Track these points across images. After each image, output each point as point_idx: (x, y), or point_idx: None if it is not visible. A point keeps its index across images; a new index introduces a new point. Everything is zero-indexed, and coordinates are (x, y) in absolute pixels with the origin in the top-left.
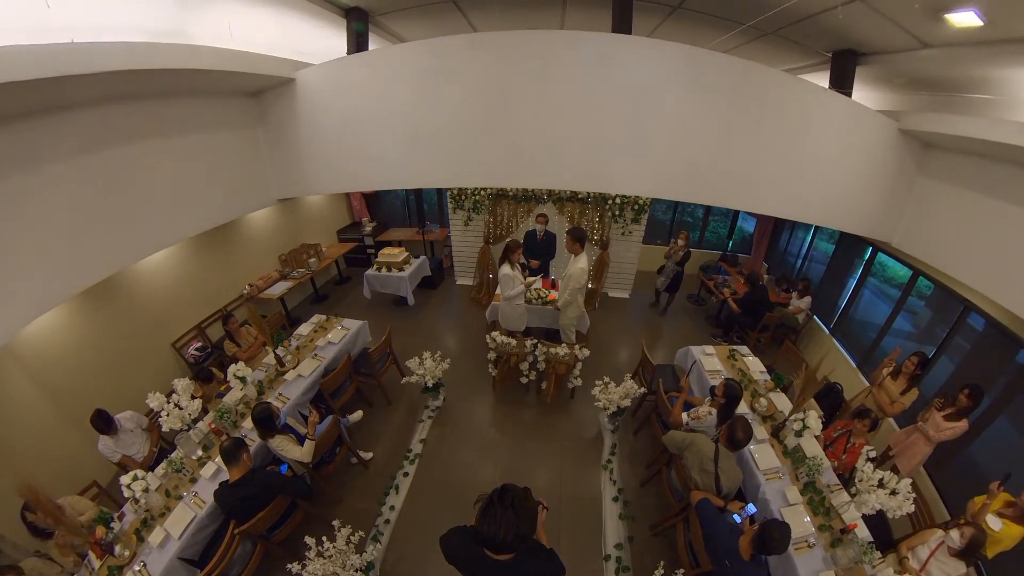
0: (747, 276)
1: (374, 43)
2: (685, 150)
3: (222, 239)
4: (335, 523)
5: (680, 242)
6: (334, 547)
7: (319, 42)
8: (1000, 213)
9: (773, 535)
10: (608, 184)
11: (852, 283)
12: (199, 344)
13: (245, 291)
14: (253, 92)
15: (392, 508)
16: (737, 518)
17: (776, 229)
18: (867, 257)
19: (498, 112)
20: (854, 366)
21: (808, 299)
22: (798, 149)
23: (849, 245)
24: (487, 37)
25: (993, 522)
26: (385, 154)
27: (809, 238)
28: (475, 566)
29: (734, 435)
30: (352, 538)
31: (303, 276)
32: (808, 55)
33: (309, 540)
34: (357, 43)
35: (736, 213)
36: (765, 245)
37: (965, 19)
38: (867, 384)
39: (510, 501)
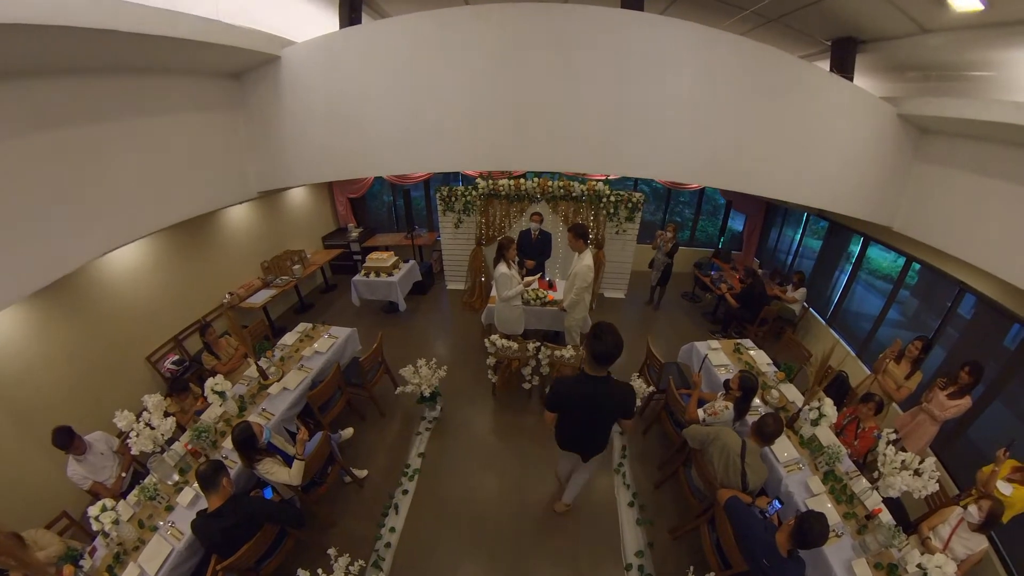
0: (744, 269)
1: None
2: (698, 132)
3: (201, 245)
4: (331, 551)
5: (668, 234)
6: None
7: (306, 25)
8: (998, 192)
9: (813, 527)
10: (620, 166)
11: (841, 275)
12: (176, 357)
13: (225, 300)
14: (234, 72)
15: (392, 530)
16: (766, 514)
17: (765, 227)
18: (859, 248)
19: (505, 91)
20: (853, 354)
21: (803, 290)
22: (807, 133)
23: (836, 239)
24: (493, 10)
25: (1004, 487)
26: (381, 138)
27: (799, 235)
28: (580, 399)
29: (765, 428)
30: (351, 568)
31: (287, 284)
32: (809, 43)
33: (303, 573)
34: (350, 18)
35: (727, 211)
36: (755, 241)
37: (967, 3)
38: (869, 372)
39: (607, 328)
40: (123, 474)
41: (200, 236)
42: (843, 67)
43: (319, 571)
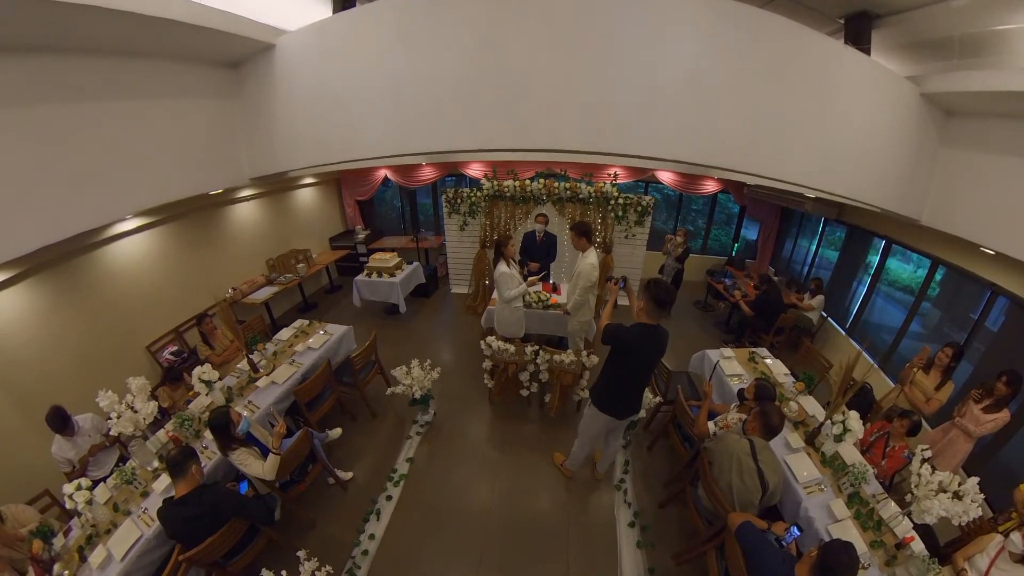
0: (759, 276)
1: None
2: (705, 108)
3: (207, 239)
4: (300, 554)
5: (679, 239)
6: None
7: (303, 13)
8: None
9: (840, 559)
10: (621, 144)
11: (860, 286)
12: (175, 348)
13: (228, 295)
14: (232, 62)
15: (372, 537)
16: (783, 542)
17: (780, 235)
18: (878, 256)
19: (494, 67)
20: (875, 366)
21: (821, 298)
22: (822, 113)
23: (855, 247)
24: None
25: None
26: (369, 122)
27: (815, 245)
28: (638, 342)
29: (770, 421)
30: (318, 573)
31: (290, 282)
32: (821, 21)
33: (267, 573)
34: (343, 3)
35: (740, 217)
36: (770, 249)
37: None
38: (892, 384)
39: (659, 280)
40: (88, 456)
41: (207, 231)
42: (859, 45)
43: (283, 573)
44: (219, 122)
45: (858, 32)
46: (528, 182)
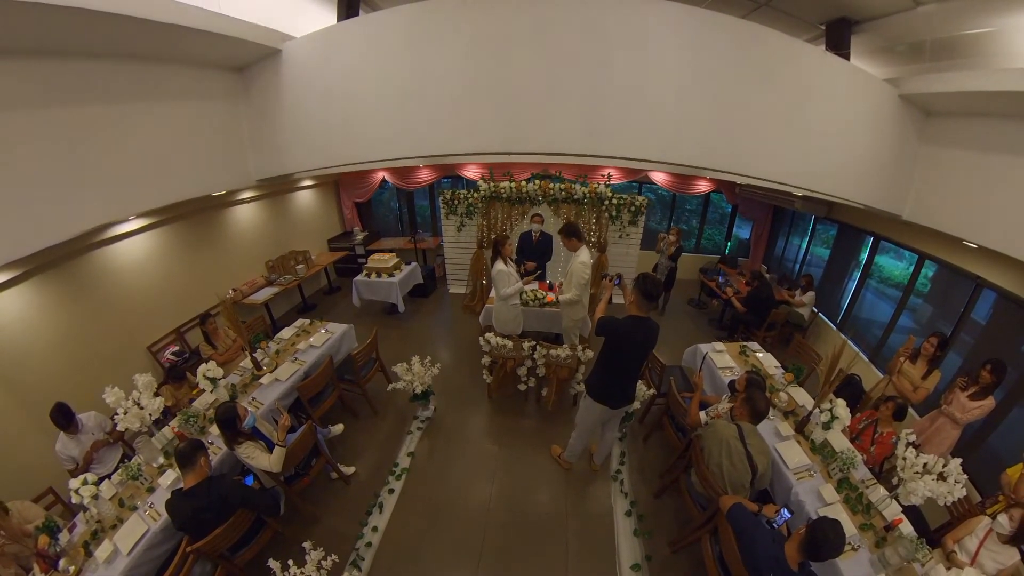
0: (751, 273)
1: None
2: (692, 113)
3: (208, 241)
4: (306, 545)
5: (672, 237)
6: (302, 572)
7: (306, 19)
8: (1009, 168)
9: (827, 535)
10: (612, 147)
11: (850, 282)
12: (176, 348)
13: (229, 295)
14: (237, 67)
15: (375, 529)
16: (774, 524)
17: (772, 234)
18: (867, 253)
19: (491, 74)
20: (866, 360)
21: (811, 294)
22: (805, 115)
23: (846, 244)
24: None
25: None
26: (374, 126)
27: (806, 243)
28: (629, 334)
29: (756, 406)
30: (324, 563)
31: (290, 283)
32: (802, 28)
33: (273, 564)
34: (347, 11)
35: (732, 216)
36: (763, 247)
37: None
38: (882, 376)
39: (647, 273)
40: (93, 453)
41: (207, 232)
42: (839, 50)
43: (290, 563)
44: (225, 124)
45: (838, 38)
46: (524, 183)
